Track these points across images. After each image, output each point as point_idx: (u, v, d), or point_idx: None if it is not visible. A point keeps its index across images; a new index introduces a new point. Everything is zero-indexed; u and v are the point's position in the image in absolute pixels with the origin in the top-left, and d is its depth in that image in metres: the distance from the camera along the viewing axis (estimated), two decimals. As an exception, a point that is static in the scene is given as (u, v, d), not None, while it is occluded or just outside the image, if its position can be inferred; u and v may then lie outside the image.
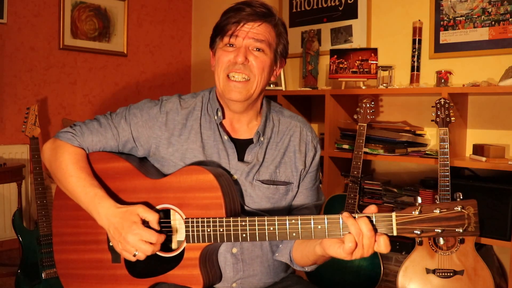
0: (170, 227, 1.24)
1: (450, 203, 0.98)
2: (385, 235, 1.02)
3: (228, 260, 1.31)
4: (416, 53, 2.97)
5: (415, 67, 2.97)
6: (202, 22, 4.38)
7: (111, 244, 1.29)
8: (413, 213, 1.00)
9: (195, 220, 1.18)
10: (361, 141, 2.69)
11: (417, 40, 2.97)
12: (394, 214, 1.02)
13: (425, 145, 2.94)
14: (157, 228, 1.19)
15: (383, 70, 3.06)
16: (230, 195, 1.22)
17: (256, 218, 1.12)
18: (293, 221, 1.09)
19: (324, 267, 1.36)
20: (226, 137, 1.35)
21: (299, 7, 3.64)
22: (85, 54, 3.71)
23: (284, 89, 3.45)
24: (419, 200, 1.03)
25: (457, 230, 0.98)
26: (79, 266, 1.34)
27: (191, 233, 1.18)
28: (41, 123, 3.15)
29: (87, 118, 3.66)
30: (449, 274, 2.29)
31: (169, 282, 1.24)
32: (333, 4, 3.46)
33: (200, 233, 1.18)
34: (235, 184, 1.30)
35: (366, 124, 2.72)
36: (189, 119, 1.36)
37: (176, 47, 4.36)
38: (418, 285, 2.33)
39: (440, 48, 2.96)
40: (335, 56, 3.12)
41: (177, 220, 1.24)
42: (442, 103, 2.36)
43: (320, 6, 3.53)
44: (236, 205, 1.24)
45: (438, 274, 2.30)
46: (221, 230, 1.15)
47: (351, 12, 3.36)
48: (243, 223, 1.13)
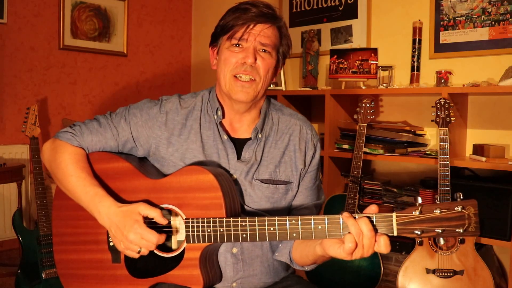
0: (171, 227, 1.24)
1: (450, 203, 0.98)
2: (385, 235, 1.02)
3: (228, 260, 1.31)
4: (416, 53, 2.97)
5: (415, 67, 2.97)
6: (202, 22, 4.38)
7: (111, 244, 1.29)
8: (414, 213, 1.00)
9: (195, 220, 1.18)
10: (361, 141, 2.69)
11: (417, 40, 2.97)
12: (394, 214, 1.01)
13: (425, 145, 2.94)
14: (163, 222, 1.20)
15: (383, 70, 3.05)
16: (230, 195, 1.22)
17: (256, 218, 1.12)
18: (293, 221, 1.09)
19: (324, 267, 1.36)
20: (225, 137, 1.35)
21: (299, 7, 3.64)
22: (85, 54, 3.71)
23: (284, 89, 3.45)
24: (419, 200, 1.03)
25: (457, 230, 0.97)
26: (79, 266, 1.34)
27: (191, 233, 1.18)
28: (41, 123, 3.15)
29: (87, 118, 3.65)
30: (449, 274, 2.29)
31: (169, 282, 1.24)
32: (333, 4, 3.46)
33: (200, 233, 1.18)
34: (235, 184, 1.30)
35: (366, 124, 2.72)
36: (188, 119, 1.36)
37: (176, 47, 4.36)
38: (418, 285, 2.33)
39: (440, 48, 2.95)
40: (335, 56, 3.12)
41: (177, 220, 1.24)
42: (442, 103, 2.36)
43: (320, 6, 3.53)
44: (236, 205, 1.24)
45: (438, 274, 2.30)
46: (221, 230, 1.15)
47: (351, 12, 3.36)
48: (243, 223, 1.13)
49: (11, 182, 2.96)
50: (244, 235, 1.13)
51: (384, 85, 2.98)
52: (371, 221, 1.02)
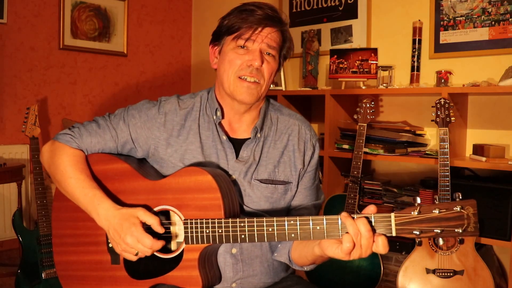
0: (169, 228, 1.24)
1: (449, 203, 0.98)
2: (384, 235, 1.02)
3: (227, 261, 1.30)
4: (416, 53, 2.97)
5: (415, 67, 2.97)
6: (202, 22, 4.38)
7: (110, 246, 1.29)
8: (412, 213, 1.00)
9: (194, 221, 1.18)
10: (361, 141, 2.69)
11: (417, 40, 2.97)
12: (393, 215, 1.01)
13: (425, 145, 2.94)
14: (160, 231, 1.19)
15: (383, 70, 3.05)
16: (229, 195, 1.22)
17: (255, 219, 1.12)
18: (292, 222, 1.09)
19: (324, 267, 1.36)
20: (224, 137, 1.35)
21: (299, 7, 3.64)
22: (85, 54, 3.71)
23: (284, 89, 3.45)
24: (418, 200, 1.03)
25: (456, 230, 0.97)
26: (79, 268, 1.34)
27: (190, 234, 1.18)
28: (41, 123, 3.16)
29: (87, 118, 3.66)
30: (449, 274, 2.28)
31: (168, 283, 1.23)
32: (333, 4, 3.45)
33: (199, 234, 1.17)
34: (234, 185, 1.30)
35: (366, 124, 2.72)
36: (187, 120, 1.36)
37: (176, 47, 4.36)
38: (418, 285, 2.33)
39: (440, 48, 2.95)
40: (335, 56, 3.11)
41: (176, 227, 1.24)
42: (442, 103, 2.36)
43: (320, 6, 3.52)
44: (235, 205, 1.24)
45: (438, 274, 2.30)
46: (220, 231, 1.15)
47: (351, 12, 3.36)
48: (242, 224, 1.13)
49: (11, 182, 2.96)
50: (243, 235, 1.13)
51: (384, 85, 2.98)
52: (369, 222, 1.02)
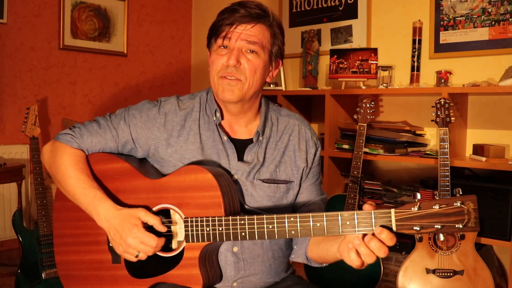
0: (170, 227, 1.24)
1: (449, 199, 0.97)
2: (383, 227, 1.01)
3: (229, 259, 1.30)
4: (416, 53, 2.97)
5: (415, 67, 2.97)
6: (202, 22, 4.38)
7: (111, 245, 1.29)
8: (412, 209, 0.99)
9: (194, 219, 1.18)
10: (361, 141, 2.69)
11: (417, 40, 2.97)
12: (393, 211, 1.01)
13: (425, 145, 2.94)
14: (163, 230, 1.20)
15: (383, 70, 3.05)
16: (229, 194, 1.22)
17: (255, 217, 1.12)
18: (292, 219, 1.09)
19: (324, 267, 1.36)
20: (225, 138, 1.35)
21: (299, 7, 3.64)
22: (85, 54, 3.71)
23: (284, 89, 3.45)
24: (418, 196, 1.02)
25: (457, 225, 0.96)
26: (80, 267, 1.34)
27: (190, 233, 1.18)
28: (41, 123, 3.15)
29: (87, 118, 3.66)
30: (449, 274, 2.28)
31: (169, 282, 1.23)
32: (333, 4, 3.46)
33: (200, 232, 1.17)
34: (235, 184, 1.30)
35: (366, 124, 2.72)
36: (187, 120, 1.36)
37: (176, 47, 4.36)
38: (418, 285, 2.33)
39: (440, 48, 2.95)
40: (335, 56, 3.12)
41: (177, 226, 1.23)
42: (442, 103, 2.36)
43: (320, 6, 3.53)
44: (235, 204, 1.24)
45: (438, 274, 2.30)
46: (220, 229, 1.15)
47: (351, 12, 3.36)
48: (242, 222, 1.13)
49: (11, 182, 2.96)
50: (243, 233, 1.13)
51: (384, 85, 2.98)
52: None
